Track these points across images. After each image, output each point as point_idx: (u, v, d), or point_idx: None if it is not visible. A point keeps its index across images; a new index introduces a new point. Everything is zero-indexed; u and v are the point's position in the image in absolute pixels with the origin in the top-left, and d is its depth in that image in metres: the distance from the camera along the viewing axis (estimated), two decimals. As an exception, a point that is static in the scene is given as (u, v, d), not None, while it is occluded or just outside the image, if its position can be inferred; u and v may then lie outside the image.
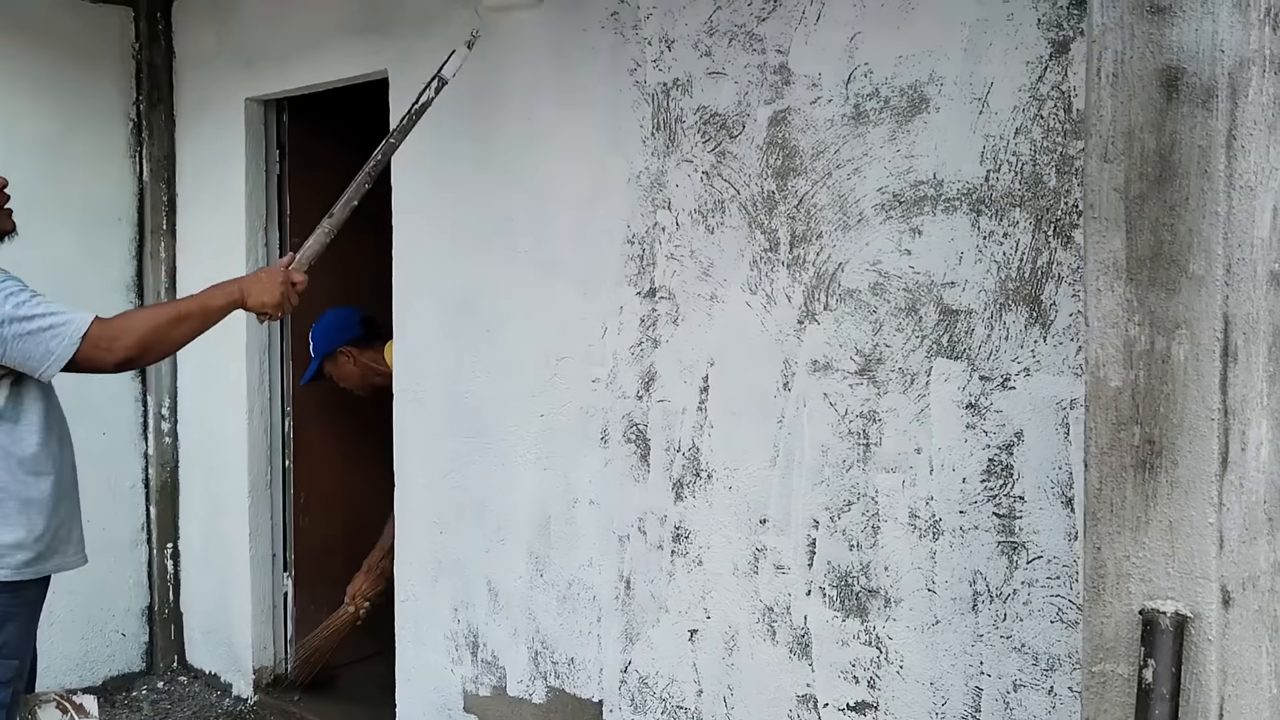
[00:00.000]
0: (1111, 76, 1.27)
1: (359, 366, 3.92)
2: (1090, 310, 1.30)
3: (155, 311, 2.50)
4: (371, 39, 3.49)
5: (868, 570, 2.40)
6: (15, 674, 2.45)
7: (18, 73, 4.02)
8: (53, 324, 2.32)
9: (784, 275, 2.53)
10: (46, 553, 2.47)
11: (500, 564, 3.19)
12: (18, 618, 2.44)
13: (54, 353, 2.32)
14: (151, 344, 2.46)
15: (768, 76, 2.54)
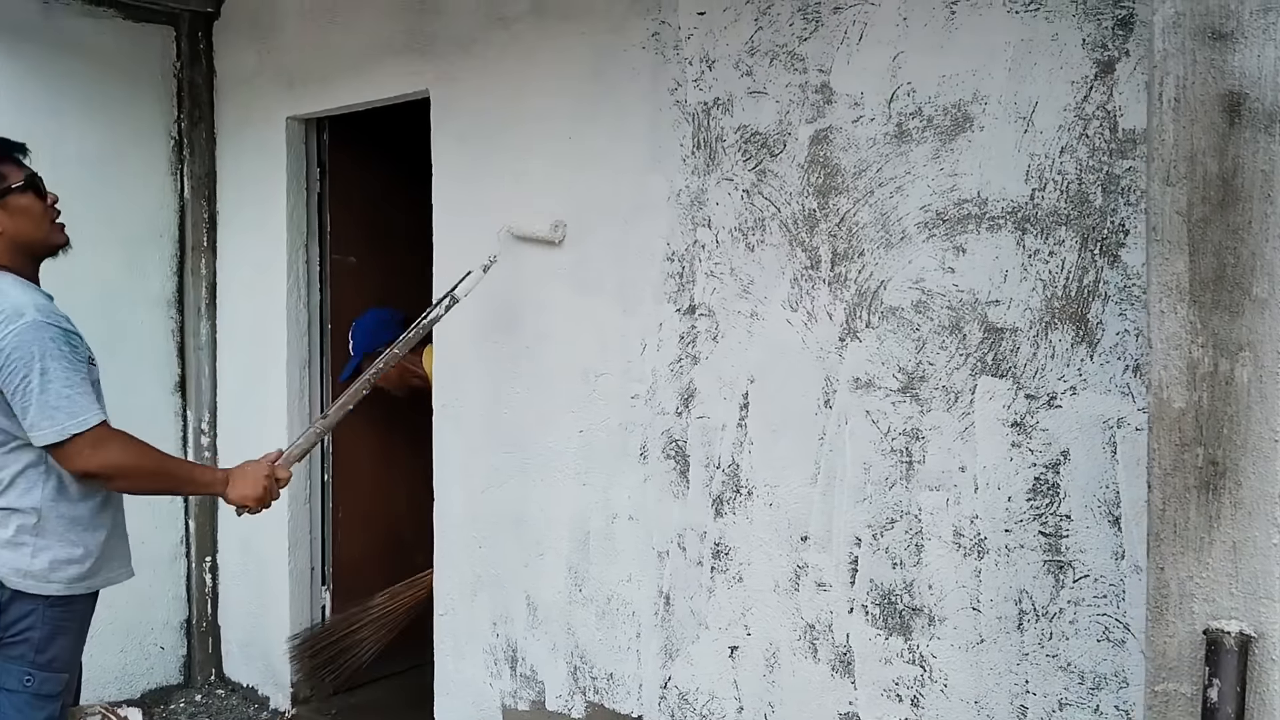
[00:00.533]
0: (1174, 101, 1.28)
1: (398, 368, 3.91)
2: (1153, 332, 1.31)
3: (144, 455, 2.50)
4: (413, 59, 3.53)
5: (911, 588, 2.40)
6: (64, 687, 2.48)
7: (63, 92, 4.08)
8: (60, 406, 2.34)
9: (825, 292, 2.54)
10: (95, 568, 2.50)
11: (539, 579, 3.21)
12: (68, 632, 2.47)
13: (41, 430, 2.34)
14: (119, 477, 2.46)
15: (809, 95, 2.56)
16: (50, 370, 2.34)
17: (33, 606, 2.39)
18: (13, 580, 2.37)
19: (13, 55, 3.95)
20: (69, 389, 2.36)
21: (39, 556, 2.39)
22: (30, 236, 2.51)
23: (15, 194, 2.47)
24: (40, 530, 2.40)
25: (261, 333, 4.22)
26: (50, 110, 4.03)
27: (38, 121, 3.91)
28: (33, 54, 4.00)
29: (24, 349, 2.32)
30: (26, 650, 2.39)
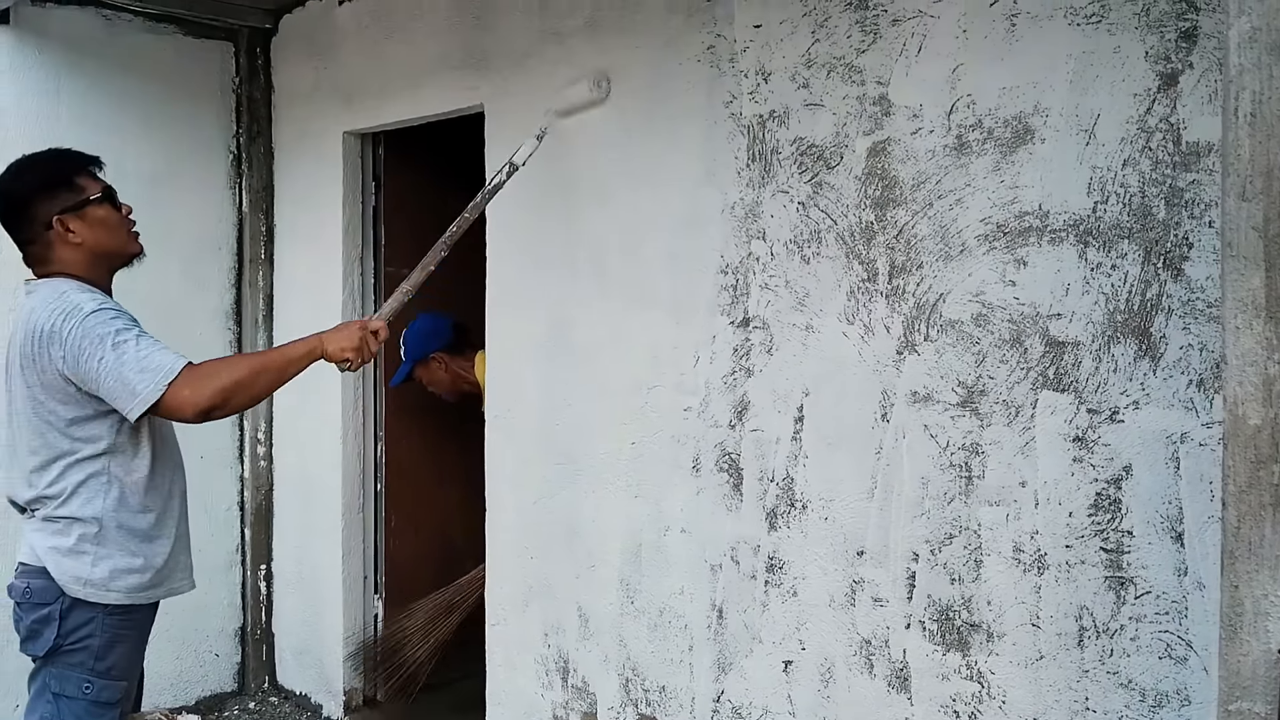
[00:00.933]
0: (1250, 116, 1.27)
1: (450, 373, 3.98)
2: (1229, 348, 1.29)
3: (236, 363, 2.53)
4: (468, 75, 3.56)
5: (970, 604, 2.38)
6: (123, 695, 2.52)
7: (125, 108, 4.17)
8: (144, 365, 2.35)
9: (882, 305, 2.53)
10: (156, 579, 2.54)
11: (591, 590, 3.22)
12: (127, 640, 2.51)
13: (139, 394, 2.35)
14: (232, 394, 2.43)
15: (867, 108, 2.55)
16: (121, 343, 2.36)
17: (92, 614, 2.43)
18: (73, 588, 2.41)
19: (77, 71, 4.04)
20: (145, 350, 2.38)
21: (99, 565, 2.43)
22: (108, 246, 2.57)
23: (93, 205, 2.53)
24: (101, 540, 2.44)
25: (317, 344, 4.27)
26: (113, 125, 4.12)
27: (100, 136, 3.99)
28: (96, 70, 4.09)
29: (90, 334, 2.36)
30: (86, 658, 2.43)
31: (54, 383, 2.39)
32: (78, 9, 4.03)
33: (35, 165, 2.58)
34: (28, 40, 3.92)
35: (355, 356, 2.66)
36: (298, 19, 4.36)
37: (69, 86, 4.02)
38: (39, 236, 2.50)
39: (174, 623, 4.20)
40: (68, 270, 2.52)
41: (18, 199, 2.51)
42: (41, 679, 2.46)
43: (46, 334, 2.39)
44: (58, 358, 2.37)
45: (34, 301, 2.48)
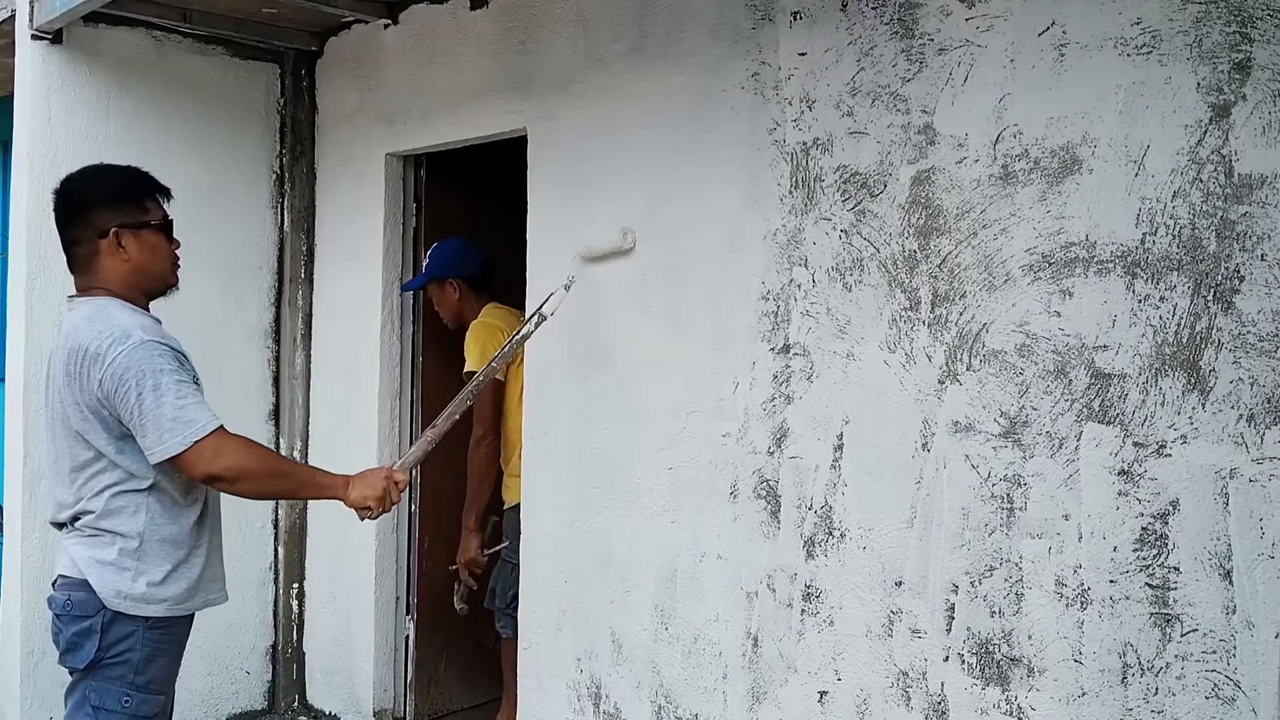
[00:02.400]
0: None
1: (459, 304, 3.98)
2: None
3: (263, 454, 2.57)
4: (511, 98, 3.59)
5: (1010, 638, 2.35)
6: (160, 709, 2.52)
7: (172, 127, 4.22)
8: (179, 416, 2.38)
9: (925, 334, 2.52)
10: (193, 590, 2.54)
11: (625, 615, 3.20)
12: (166, 653, 2.51)
13: (165, 444, 2.38)
14: (243, 478, 2.48)
15: (912, 136, 2.54)
16: (163, 385, 2.39)
17: (133, 628, 2.44)
18: (114, 602, 2.42)
19: (126, 89, 4.10)
20: (183, 399, 2.41)
21: (139, 579, 2.44)
22: (152, 271, 2.61)
23: (151, 230, 2.59)
24: (141, 554, 2.45)
25: (354, 364, 4.30)
26: (159, 144, 4.17)
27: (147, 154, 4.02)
28: (145, 89, 4.15)
29: (135, 368, 2.38)
30: (126, 671, 2.44)
31: (93, 402, 2.41)
32: (128, 30, 4.09)
33: (109, 175, 2.65)
34: (79, 59, 3.98)
35: (376, 506, 2.72)
36: (343, 42, 4.40)
37: (118, 105, 4.08)
38: (89, 241, 2.53)
39: (206, 639, 4.22)
40: (108, 285, 2.54)
41: (81, 200, 2.56)
42: (81, 692, 2.46)
43: (90, 354, 2.40)
44: (97, 379, 2.39)
45: (77, 319, 2.50)
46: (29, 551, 3.90)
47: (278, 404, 4.55)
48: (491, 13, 3.69)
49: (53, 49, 3.92)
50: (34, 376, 3.85)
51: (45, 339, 3.80)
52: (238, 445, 2.49)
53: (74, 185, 2.62)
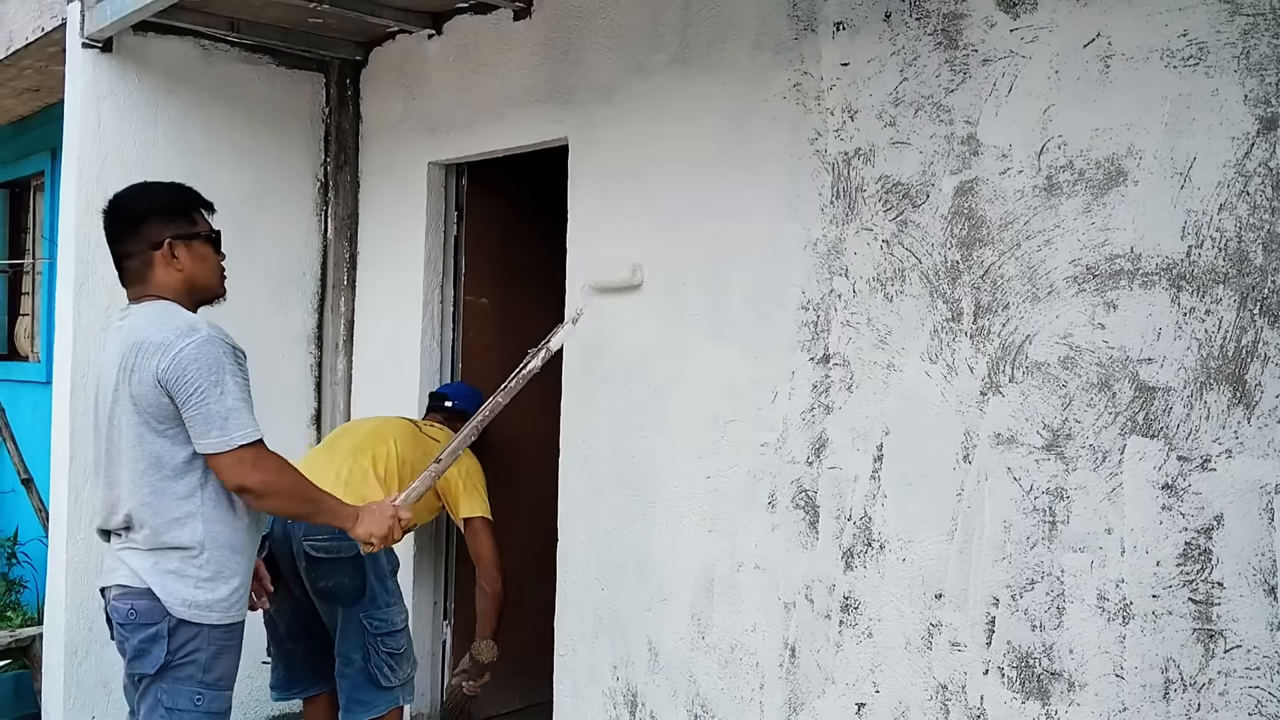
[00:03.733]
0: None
1: None
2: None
3: (294, 477, 2.63)
4: (553, 108, 3.61)
5: (1051, 652, 2.33)
6: (228, 705, 2.58)
7: (218, 135, 4.28)
8: (229, 418, 2.46)
9: (967, 345, 2.51)
10: (245, 592, 2.60)
11: (661, 624, 3.20)
12: (230, 651, 2.58)
13: (209, 438, 2.46)
14: (270, 495, 2.56)
15: (955, 147, 2.54)
16: (225, 383, 2.47)
17: (197, 630, 2.49)
18: (179, 610, 2.47)
19: (174, 98, 4.16)
20: (239, 403, 2.49)
21: (201, 587, 2.49)
22: (202, 280, 2.68)
23: (201, 241, 2.67)
24: (203, 564, 2.50)
25: (394, 370, 4.34)
26: (206, 151, 4.23)
27: (194, 161, 4.11)
28: (192, 98, 4.21)
29: (202, 361, 2.46)
30: (195, 671, 2.49)
31: (149, 395, 2.45)
32: (177, 39, 4.16)
33: (158, 190, 2.73)
34: (128, 68, 4.05)
35: (379, 543, 2.83)
36: (388, 51, 4.45)
37: (165, 113, 4.15)
38: (141, 254, 2.60)
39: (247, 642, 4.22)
40: (162, 294, 2.59)
41: (133, 214, 2.63)
42: (153, 695, 2.50)
43: (154, 345, 2.46)
44: (159, 367, 2.44)
45: (138, 320, 2.55)
46: (74, 553, 3.96)
47: (319, 409, 4.60)
48: (534, 23, 3.72)
49: (103, 57, 3.99)
50: (81, 379, 3.92)
51: (93, 342, 3.87)
52: (275, 463, 2.57)
53: (124, 201, 2.68)
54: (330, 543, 3.28)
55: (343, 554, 3.26)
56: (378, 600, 3.34)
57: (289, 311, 4.53)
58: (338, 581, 3.31)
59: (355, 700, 3.35)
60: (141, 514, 2.49)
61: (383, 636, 3.34)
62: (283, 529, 3.33)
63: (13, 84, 6.08)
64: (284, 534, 3.32)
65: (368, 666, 3.33)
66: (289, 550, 3.31)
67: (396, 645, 3.38)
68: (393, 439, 3.61)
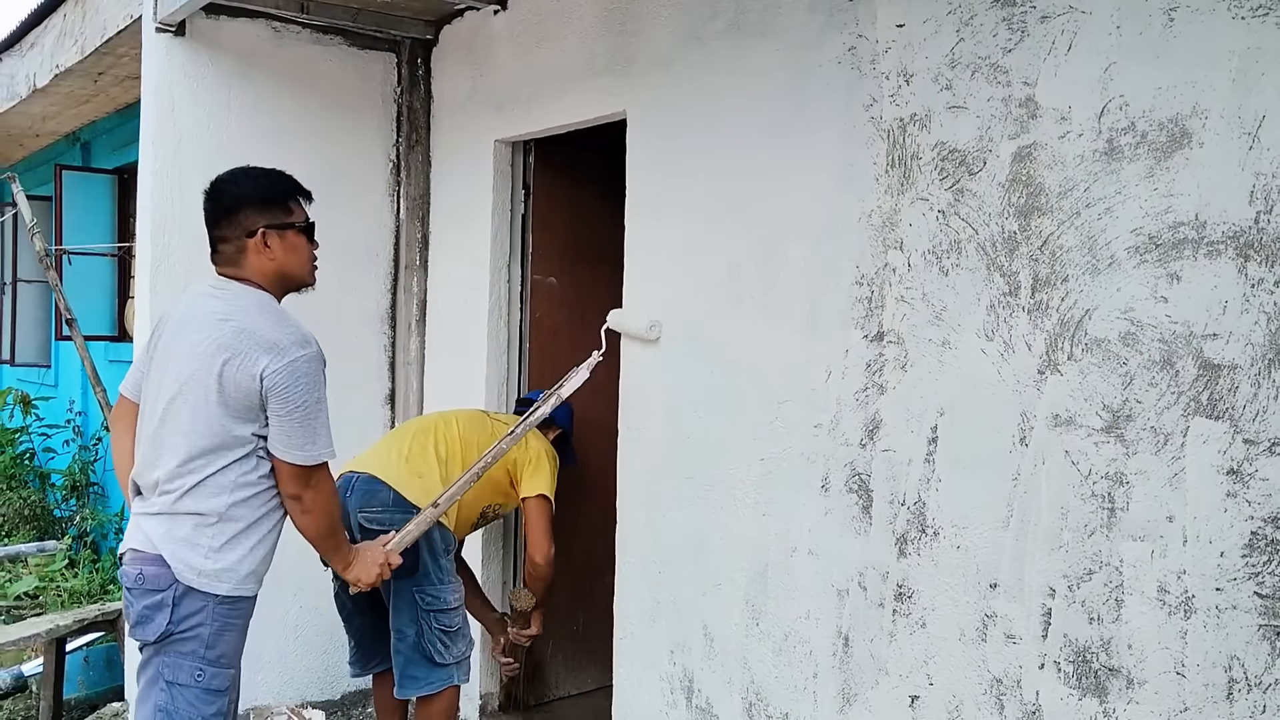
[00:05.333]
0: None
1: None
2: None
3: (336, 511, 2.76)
4: (612, 81, 3.54)
5: (1109, 646, 2.19)
6: (231, 683, 2.59)
7: (291, 117, 4.31)
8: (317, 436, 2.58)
9: (1024, 321, 2.37)
10: (259, 572, 2.62)
11: (716, 609, 3.13)
12: (234, 629, 2.57)
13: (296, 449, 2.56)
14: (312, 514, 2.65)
15: (1012, 110, 2.39)
16: (322, 403, 2.61)
17: (203, 603, 2.49)
18: (187, 576, 2.48)
19: (246, 80, 4.20)
20: (326, 421, 2.62)
21: (211, 557, 2.49)
22: (293, 270, 2.72)
23: (295, 231, 2.69)
24: (216, 533, 2.50)
25: (464, 350, 4.32)
26: (279, 134, 4.26)
27: (267, 144, 4.14)
28: (264, 80, 4.24)
29: (310, 377, 2.57)
30: (197, 646, 2.50)
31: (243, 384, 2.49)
32: (248, 20, 4.19)
33: (258, 177, 2.74)
34: (201, 51, 4.10)
35: (365, 585, 2.92)
36: (457, 29, 4.43)
37: (238, 96, 4.18)
38: (236, 240, 2.64)
39: (322, 618, 4.32)
40: (253, 280, 2.62)
41: (232, 200, 2.66)
42: (154, 668, 2.53)
43: (267, 342, 2.51)
44: (267, 366, 2.50)
45: (243, 302, 2.60)
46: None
47: (394, 389, 4.62)
48: (595, -5, 3.65)
49: (176, 41, 4.04)
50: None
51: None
52: (330, 488, 2.69)
53: (225, 186, 2.70)
54: (383, 514, 3.28)
55: (396, 526, 3.25)
56: (431, 576, 3.32)
57: (363, 292, 4.55)
58: None
59: (408, 675, 3.35)
60: (173, 480, 2.50)
61: (435, 613, 3.33)
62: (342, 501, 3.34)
63: (113, 72, 6.26)
64: (343, 508, 3.34)
65: (421, 642, 3.32)
66: (348, 524, 3.32)
67: (449, 622, 3.37)
68: (456, 421, 3.63)
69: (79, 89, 6.86)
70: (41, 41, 6.62)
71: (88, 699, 4.56)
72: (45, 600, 5.95)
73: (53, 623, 4.17)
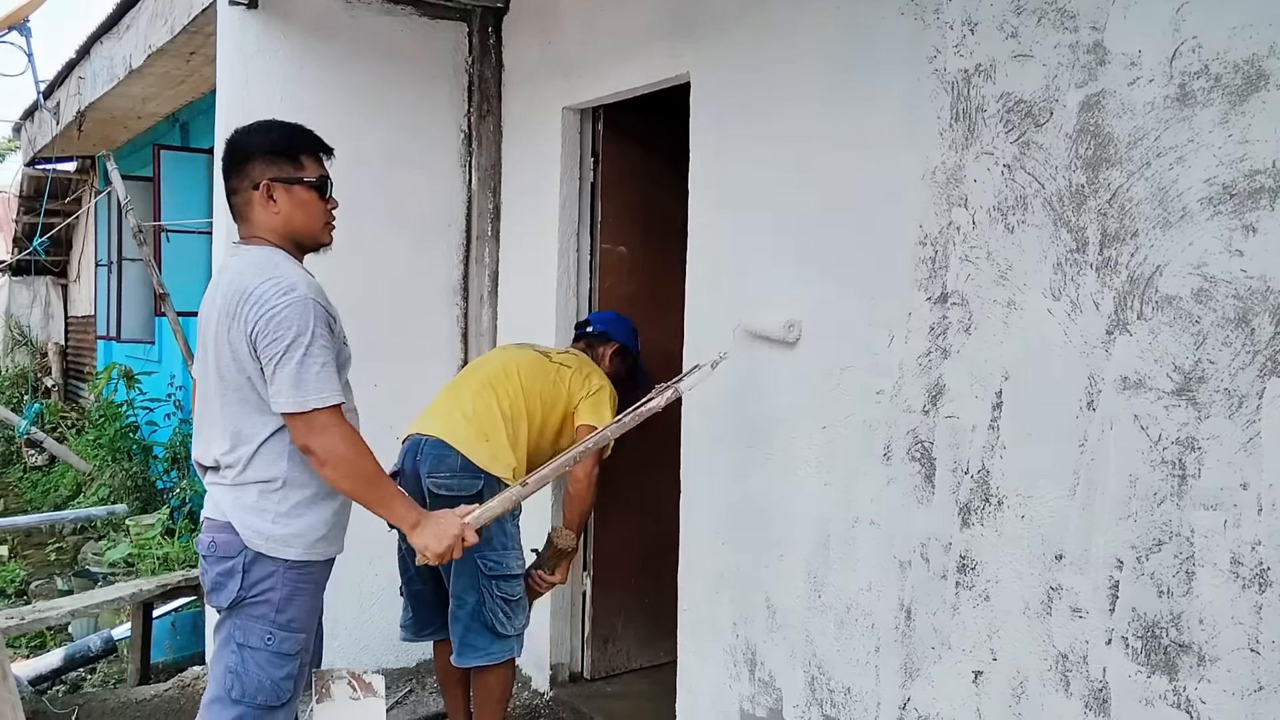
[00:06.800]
0: None
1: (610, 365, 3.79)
2: None
3: (364, 458, 2.51)
4: (675, 43, 3.47)
5: (1179, 621, 2.07)
6: (302, 647, 2.58)
7: (362, 89, 4.32)
8: (308, 379, 2.42)
9: (1092, 279, 2.24)
10: (330, 537, 2.59)
11: (779, 580, 3.06)
12: (305, 594, 2.56)
13: (287, 397, 2.42)
14: (331, 465, 2.46)
15: (1080, 57, 2.26)
16: (311, 346, 2.43)
17: (273, 568, 2.50)
18: (255, 542, 2.48)
19: (318, 53, 4.22)
20: (321, 367, 2.44)
21: (279, 522, 2.50)
22: (299, 227, 2.63)
23: (303, 186, 2.61)
24: (282, 498, 2.50)
25: (534, 320, 4.30)
26: (351, 106, 4.28)
27: (339, 117, 4.15)
28: (336, 52, 4.26)
29: (292, 320, 2.43)
30: (268, 610, 2.50)
31: (244, 345, 2.47)
32: (320, -8, 4.22)
33: (270, 130, 2.69)
34: (274, 24, 4.12)
35: (434, 559, 2.62)
36: (527, -4, 4.39)
37: (311, 68, 4.21)
38: (244, 191, 2.61)
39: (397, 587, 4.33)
40: (263, 235, 2.60)
41: (241, 151, 2.64)
42: (227, 630, 2.55)
43: (253, 296, 2.46)
44: (254, 318, 2.44)
45: (242, 263, 2.57)
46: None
47: (466, 360, 4.62)
48: (659, -46, 3.58)
49: (249, 14, 4.07)
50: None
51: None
52: (345, 434, 2.48)
53: (236, 137, 2.69)
54: (451, 480, 3.26)
55: (462, 492, 3.23)
56: (493, 542, 3.29)
57: (434, 264, 4.55)
58: None
59: (467, 644, 3.33)
60: (230, 452, 2.51)
61: (497, 580, 3.30)
62: (413, 465, 3.34)
63: (204, 51, 6.37)
64: (413, 471, 3.34)
65: (481, 610, 3.29)
66: (418, 488, 3.32)
67: (512, 591, 3.34)
68: (516, 371, 3.51)
69: (173, 69, 7.01)
70: (136, 23, 6.78)
71: (175, 662, 4.68)
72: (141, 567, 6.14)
73: (137, 587, 4.28)
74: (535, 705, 4.27)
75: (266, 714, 2.54)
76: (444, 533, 2.61)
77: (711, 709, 3.32)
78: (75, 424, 10.83)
